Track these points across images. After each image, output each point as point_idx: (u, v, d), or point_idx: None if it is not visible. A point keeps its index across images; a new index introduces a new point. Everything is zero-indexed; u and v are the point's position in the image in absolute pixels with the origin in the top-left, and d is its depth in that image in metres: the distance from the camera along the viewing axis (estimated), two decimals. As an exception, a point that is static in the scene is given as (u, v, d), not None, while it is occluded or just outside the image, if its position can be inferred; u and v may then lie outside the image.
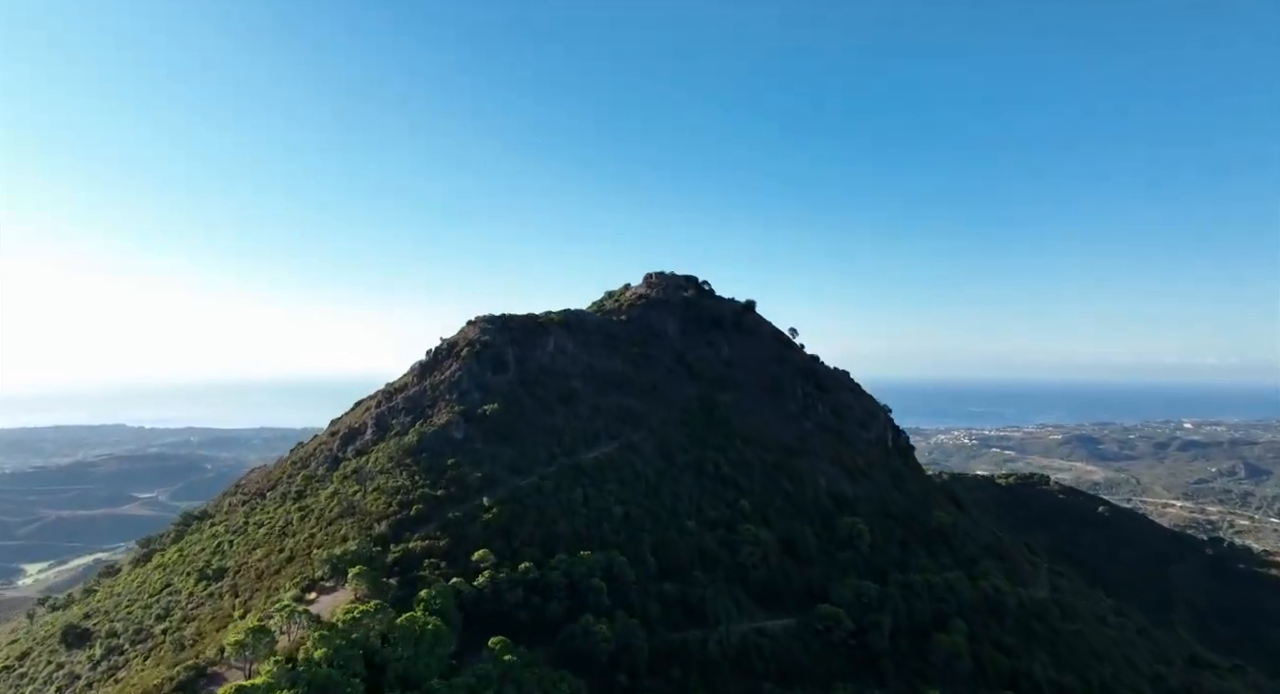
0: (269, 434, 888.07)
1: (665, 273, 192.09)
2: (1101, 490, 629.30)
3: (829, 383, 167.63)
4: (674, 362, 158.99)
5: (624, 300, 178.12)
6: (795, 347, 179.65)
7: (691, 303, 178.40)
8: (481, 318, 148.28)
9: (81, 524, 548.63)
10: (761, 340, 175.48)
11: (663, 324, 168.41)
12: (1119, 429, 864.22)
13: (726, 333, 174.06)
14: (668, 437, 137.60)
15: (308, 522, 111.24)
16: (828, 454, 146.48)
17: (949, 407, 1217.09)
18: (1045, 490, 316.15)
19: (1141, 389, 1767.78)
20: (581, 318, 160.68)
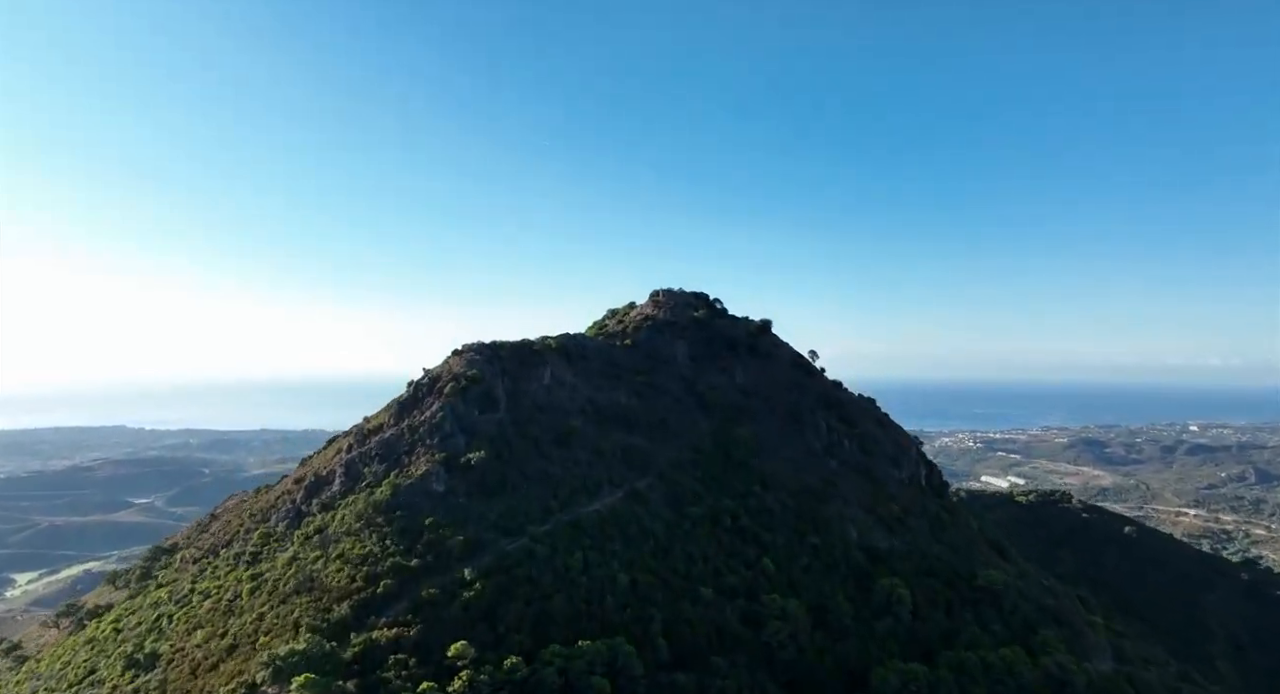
0: (269, 436, 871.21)
1: (673, 290, 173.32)
2: (1110, 497, 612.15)
3: (854, 413, 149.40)
4: (684, 391, 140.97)
5: (628, 321, 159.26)
6: (816, 372, 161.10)
7: (702, 324, 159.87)
8: (469, 347, 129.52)
9: (74, 532, 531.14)
10: (779, 365, 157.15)
11: (671, 348, 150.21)
12: (1124, 432, 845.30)
13: (741, 357, 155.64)
14: (679, 482, 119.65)
15: (259, 596, 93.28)
16: (857, 498, 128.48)
17: (951, 408, 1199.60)
18: (1067, 508, 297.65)
19: (1145, 390, 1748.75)
20: (581, 344, 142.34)
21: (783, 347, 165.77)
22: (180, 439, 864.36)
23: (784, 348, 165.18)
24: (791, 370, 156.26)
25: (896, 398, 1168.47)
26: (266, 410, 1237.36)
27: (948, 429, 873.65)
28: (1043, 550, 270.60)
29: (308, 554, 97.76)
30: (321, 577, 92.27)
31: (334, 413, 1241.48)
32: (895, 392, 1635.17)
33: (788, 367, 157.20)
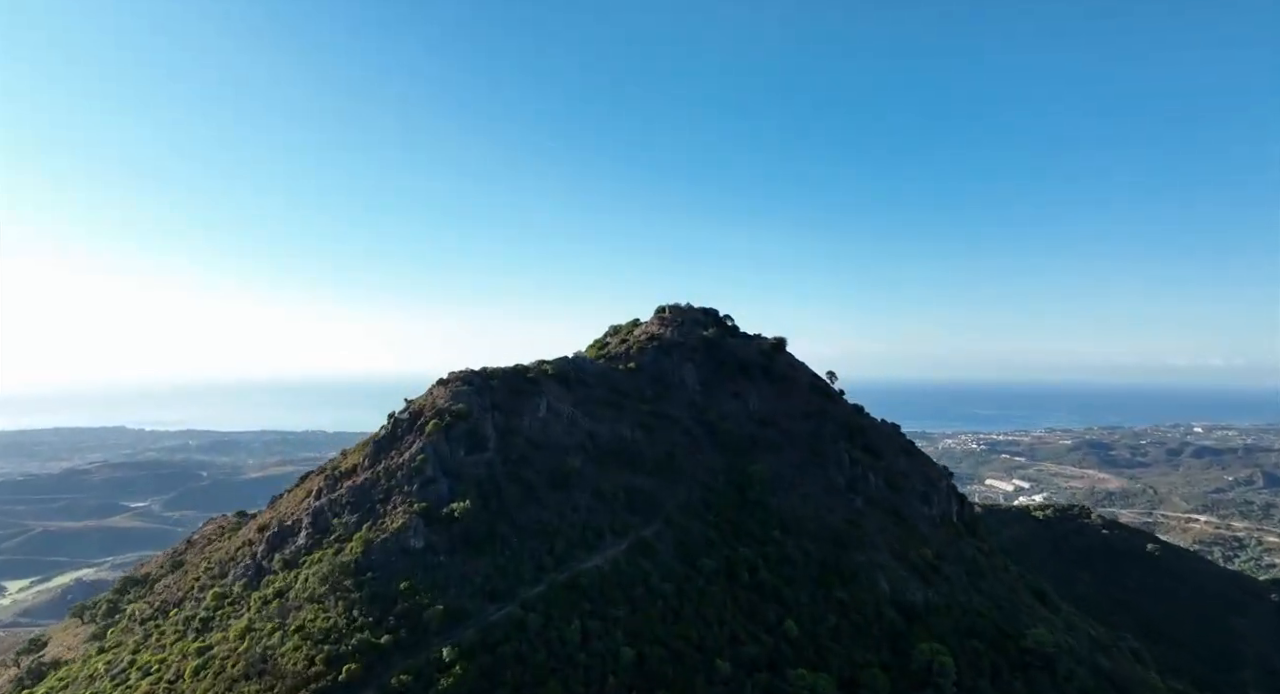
0: (269, 437, 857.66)
1: (680, 306, 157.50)
2: (1117, 501, 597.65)
3: (878, 442, 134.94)
4: (693, 421, 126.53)
5: (632, 341, 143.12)
6: (836, 396, 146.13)
7: (712, 344, 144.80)
8: (455, 376, 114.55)
9: (68, 538, 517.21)
10: (797, 389, 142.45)
11: (679, 372, 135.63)
12: (1128, 434, 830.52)
13: (755, 381, 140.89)
14: (689, 529, 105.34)
15: (203, 678, 78.98)
16: (886, 542, 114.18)
17: (953, 408, 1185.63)
18: (1086, 524, 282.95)
19: (1147, 391, 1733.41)
20: (581, 368, 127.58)
21: (800, 368, 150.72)
22: (180, 441, 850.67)
23: (801, 370, 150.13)
24: (810, 395, 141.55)
25: (898, 398, 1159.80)
26: (267, 411, 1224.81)
27: (950, 431, 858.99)
28: (1063, 569, 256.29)
29: (264, 625, 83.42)
30: (276, 657, 78.00)
31: (334, 413, 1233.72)
32: (896, 392, 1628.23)
33: (806, 391, 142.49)
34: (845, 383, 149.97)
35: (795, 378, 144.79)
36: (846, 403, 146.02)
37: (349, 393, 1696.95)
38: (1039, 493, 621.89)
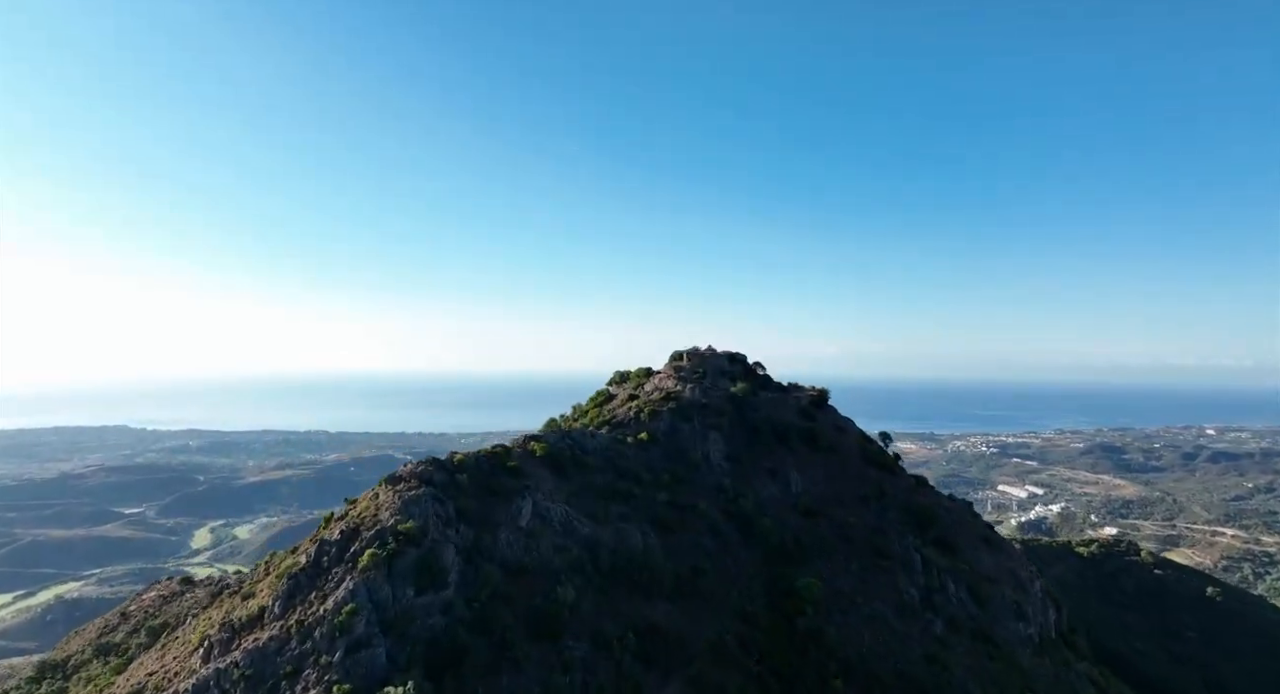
0: (270, 438, 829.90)
1: (700, 351, 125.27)
2: (1135, 511, 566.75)
3: (952, 532, 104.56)
4: (722, 513, 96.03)
5: (643, 401, 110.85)
6: (894, 466, 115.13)
7: (742, 403, 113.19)
8: (412, 470, 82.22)
9: (56, 548, 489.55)
10: (847, 462, 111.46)
11: (702, 443, 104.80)
12: (1140, 436, 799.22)
13: (795, 451, 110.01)
14: (724, 685, 75.38)
15: None
16: (981, 687, 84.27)
17: (960, 409, 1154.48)
18: (1135, 562, 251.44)
19: (1156, 391, 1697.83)
20: (579, 446, 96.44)
21: (847, 430, 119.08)
22: (180, 441, 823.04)
23: (849, 432, 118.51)
24: (862, 468, 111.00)
25: (903, 399, 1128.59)
26: (269, 410, 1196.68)
27: (959, 432, 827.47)
28: (1113, 615, 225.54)
29: None
30: None
31: (336, 412, 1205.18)
32: (901, 392, 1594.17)
33: (858, 462, 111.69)
34: (848, 383, 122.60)
35: (844, 445, 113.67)
36: (906, 474, 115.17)
37: (351, 392, 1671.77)
38: (1054, 501, 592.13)
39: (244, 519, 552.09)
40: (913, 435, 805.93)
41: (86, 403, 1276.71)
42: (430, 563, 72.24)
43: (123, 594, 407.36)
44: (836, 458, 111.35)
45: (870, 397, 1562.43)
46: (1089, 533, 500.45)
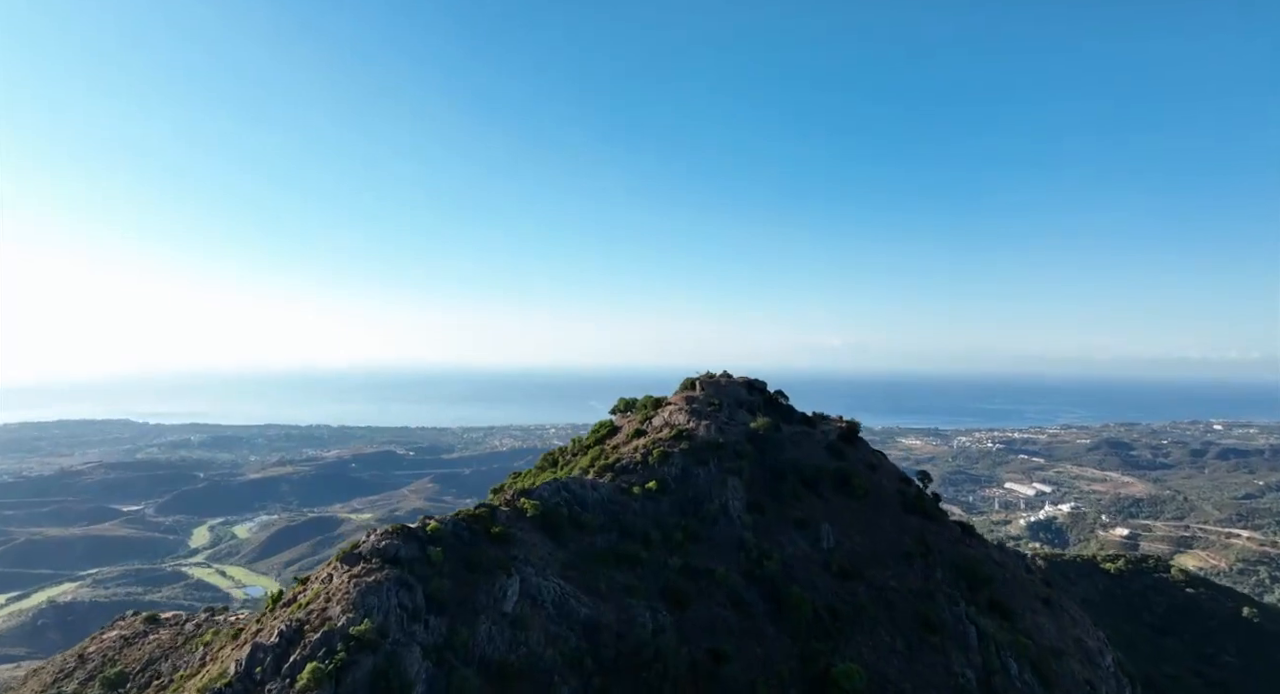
0: (272, 432, 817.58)
1: (714, 377, 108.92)
2: (1145, 510, 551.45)
3: (1005, 588, 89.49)
4: (743, 576, 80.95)
5: (651, 440, 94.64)
6: (936, 511, 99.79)
7: (764, 442, 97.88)
8: (374, 544, 66.11)
9: (53, 546, 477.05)
10: (882, 507, 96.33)
11: (720, 493, 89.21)
12: (1147, 432, 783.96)
13: (825, 498, 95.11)
14: (752, 814, 60.95)
15: None
16: (1054, 796, 69.78)
17: (965, 403, 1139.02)
18: (1165, 579, 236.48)
19: (1162, 385, 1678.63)
20: (578, 501, 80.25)
21: (881, 469, 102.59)
22: (182, 435, 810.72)
23: (883, 472, 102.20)
24: (902, 515, 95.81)
25: (908, 392, 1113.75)
26: (272, 404, 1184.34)
27: (965, 427, 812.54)
28: (1145, 637, 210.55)
29: None
30: None
31: (339, 406, 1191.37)
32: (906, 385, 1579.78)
33: (895, 509, 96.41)
34: (854, 376, 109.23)
35: (879, 488, 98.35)
36: (949, 520, 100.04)
37: (354, 385, 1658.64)
38: (1062, 500, 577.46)
39: (244, 517, 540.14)
40: (918, 431, 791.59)
41: (89, 395, 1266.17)
42: (390, 674, 57.23)
43: (118, 597, 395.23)
44: (872, 504, 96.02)
45: (876, 390, 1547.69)
46: (1100, 534, 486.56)
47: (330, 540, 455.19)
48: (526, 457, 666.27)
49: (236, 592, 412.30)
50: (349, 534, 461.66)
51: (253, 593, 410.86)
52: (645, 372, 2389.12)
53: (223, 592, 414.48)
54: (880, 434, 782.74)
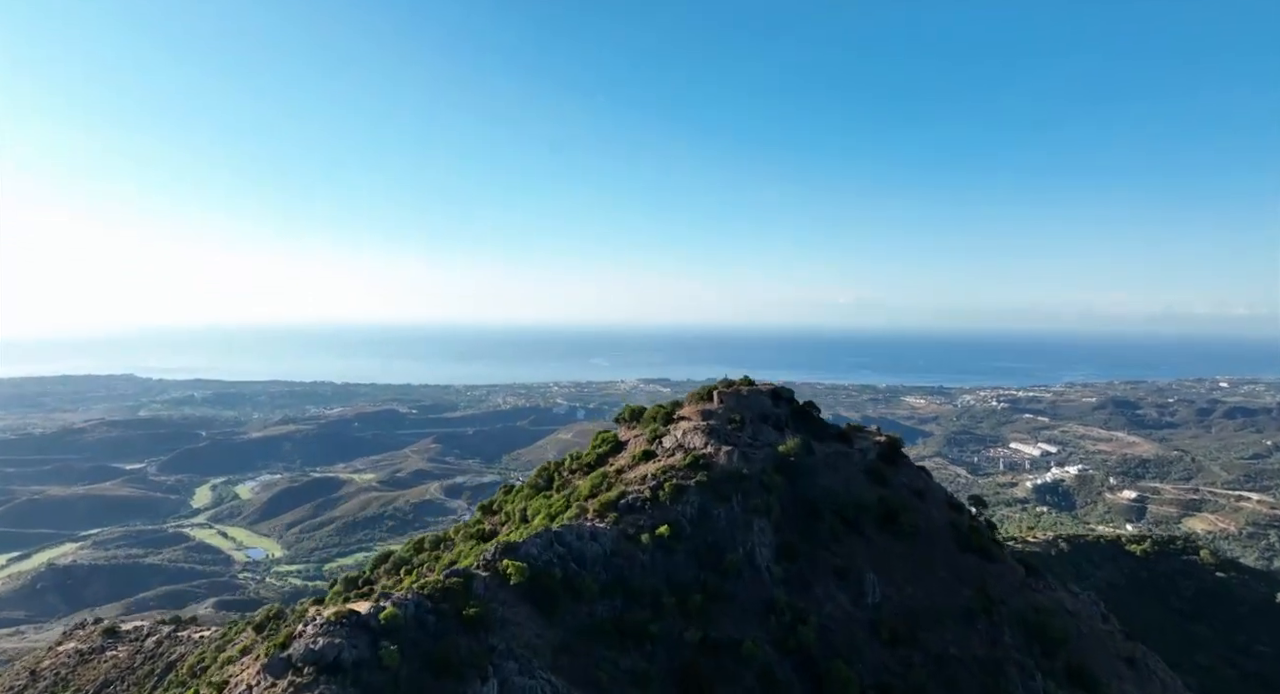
0: (276, 389, 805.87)
1: (734, 385, 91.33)
2: (1152, 471, 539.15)
3: (1083, 646, 74.35)
4: (775, 648, 65.15)
5: (662, 468, 78.45)
6: (993, 548, 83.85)
7: (793, 470, 79.20)
8: (308, 645, 48.69)
9: (54, 506, 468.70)
10: (932, 545, 79.84)
11: (743, 535, 72.60)
12: (1153, 390, 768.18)
13: (866, 535, 79.33)
14: None
15: None
16: None
17: (971, 361, 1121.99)
18: (1193, 562, 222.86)
19: (1170, 342, 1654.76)
20: (572, 556, 63.15)
21: (928, 495, 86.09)
22: (185, 391, 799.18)
23: (930, 498, 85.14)
24: (956, 555, 79.83)
25: (914, 350, 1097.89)
26: (276, 360, 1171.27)
27: (969, 386, 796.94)
28: (1173, 623, 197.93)
29: None
30: None
31: (342, 362, 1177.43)
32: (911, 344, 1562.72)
33: (948, 547, 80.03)
34: (861, 333, 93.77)
35: (929, 521, 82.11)
36: (1009, 559, 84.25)
37: (359, 342, 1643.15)
38: (1068, 461, 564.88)
39: (246, 476, 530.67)
40: (922, 389, 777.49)
41: (94, 350, 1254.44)
42: None
43: (118, 560, 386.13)
44: (922, 543, 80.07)
45: (882, 348, 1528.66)
46: (1108, 496, 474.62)
47: (331, 503, 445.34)
48: (529, 415, 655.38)
49: (238, 554, 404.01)
50: (350, 496, 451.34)
51: (254, 555, 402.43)
52: (648, 329, 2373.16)
53: (224, 554, 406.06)
54: (885, 393, 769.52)
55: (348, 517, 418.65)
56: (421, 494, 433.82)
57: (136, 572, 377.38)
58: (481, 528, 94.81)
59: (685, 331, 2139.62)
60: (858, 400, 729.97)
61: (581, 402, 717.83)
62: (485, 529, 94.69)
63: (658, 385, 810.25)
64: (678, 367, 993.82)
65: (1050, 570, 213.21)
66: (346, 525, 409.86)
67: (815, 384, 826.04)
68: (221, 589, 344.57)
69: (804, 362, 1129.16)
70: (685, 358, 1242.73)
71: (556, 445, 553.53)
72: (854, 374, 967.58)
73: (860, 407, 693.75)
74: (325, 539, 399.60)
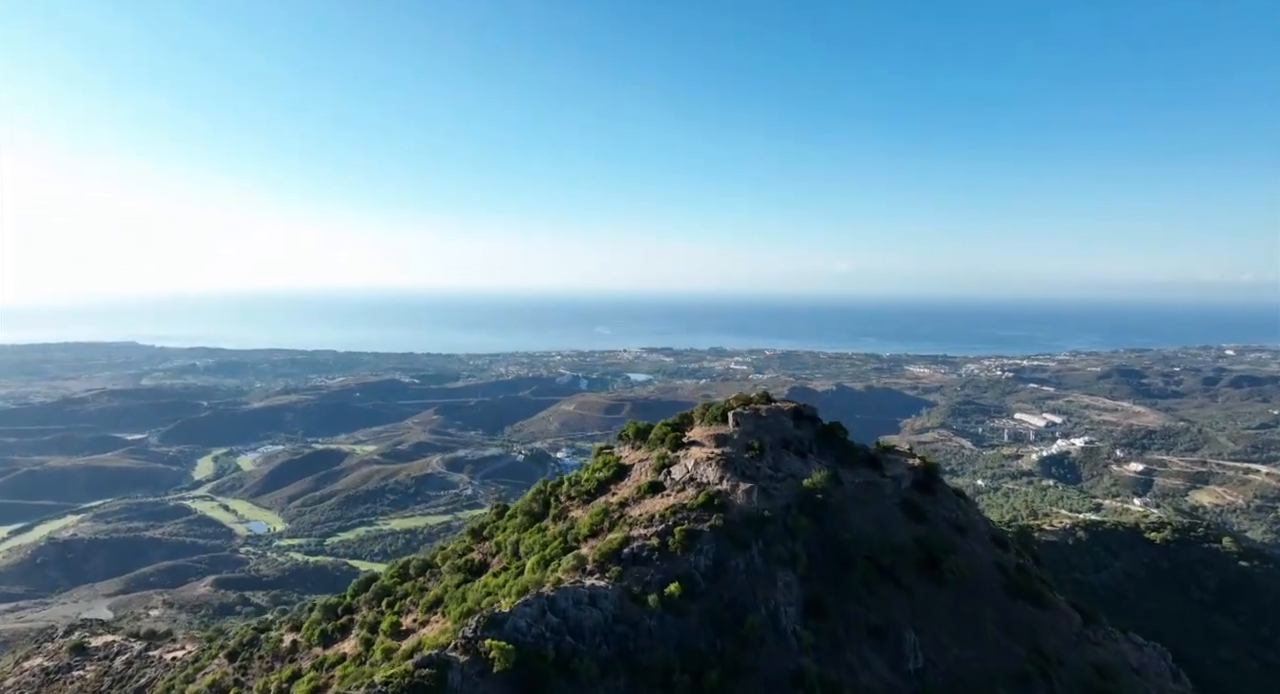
0: (278, 357, 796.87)
1: (751, 402, 76.03)
2: (1158, 442, 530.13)
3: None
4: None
5: (671, 507, 67.09)
6: (1046, 593, 73.12)
7: (820, 509, 69.26)
8: None
9: (55, 477, 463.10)
10: (979, 593, 69.32)
11: (766, 591, 62.08)
12: (1158, 357, 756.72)
13: (904, 584, 68.72)
14: None
15: None
16: None
17: (975, 329, 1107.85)
18: (1217, 552, 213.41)
19: (1176, 309, 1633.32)
20: (567, 626, 52.09)
21: (970, 529, 75.10)
22: (187, 360, 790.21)
23: (973, 533, 74.07)
24: (1005, 603, 69.50)
25: (917, 319, 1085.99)
26: (279, 327, 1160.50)
27: (973, 355, 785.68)
28: (1195, 616, 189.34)
29: None
30: None
31: (345, 331, 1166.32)
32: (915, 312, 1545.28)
33: (996, 594, 69.45)
34: (862, 303, 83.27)
35: (973, 561, 71.59)
36: (1062, 602, 73.87)
37: (362, 309, 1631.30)
38: (1072, 431, 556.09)
39: (248, 447, 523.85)
40: (926, 358, 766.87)
41: (97, 317, 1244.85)
42: None
43: (119, 534, 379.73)
44: (967, 591, 69.61)
45: (884, 316, 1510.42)
46: (1114, 468, 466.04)
47: (333, 476, 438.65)
48: (532, 385, 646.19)
49: (239, 527, 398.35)
50: (352, 468, 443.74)
51: (255, 528, 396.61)
52: (651, 298, 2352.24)
53: (225, 527, 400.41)
54: (888, 362, 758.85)
55: (349, 490, 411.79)
56: (423, 467, 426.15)
57: (137, 545, 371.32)
58: (470, 559, 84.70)
59: (688, 300, 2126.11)
60: (861, 370, 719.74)
61: (584, 371, 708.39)
62: (474, 560, 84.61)
63: (660, 355, 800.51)
64: (680, 336, 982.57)
65: (1069, 563, 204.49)
66: (348, 499, 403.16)
67: (818, 353, 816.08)
68: (222, 564, 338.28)
69: (806, 330, 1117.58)
70: (688, 327, 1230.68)
71: (559, 417, 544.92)
72: (857, 343, 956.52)
73: (864, 376, 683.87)
74: (327, 513, 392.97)
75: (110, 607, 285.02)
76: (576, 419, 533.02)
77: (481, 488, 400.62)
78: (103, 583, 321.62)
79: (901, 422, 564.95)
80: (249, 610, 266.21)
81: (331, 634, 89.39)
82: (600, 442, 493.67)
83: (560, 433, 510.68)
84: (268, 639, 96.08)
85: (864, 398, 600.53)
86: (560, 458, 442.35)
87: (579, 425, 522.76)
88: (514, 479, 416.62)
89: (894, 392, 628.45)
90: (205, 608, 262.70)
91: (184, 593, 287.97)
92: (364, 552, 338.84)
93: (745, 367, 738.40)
